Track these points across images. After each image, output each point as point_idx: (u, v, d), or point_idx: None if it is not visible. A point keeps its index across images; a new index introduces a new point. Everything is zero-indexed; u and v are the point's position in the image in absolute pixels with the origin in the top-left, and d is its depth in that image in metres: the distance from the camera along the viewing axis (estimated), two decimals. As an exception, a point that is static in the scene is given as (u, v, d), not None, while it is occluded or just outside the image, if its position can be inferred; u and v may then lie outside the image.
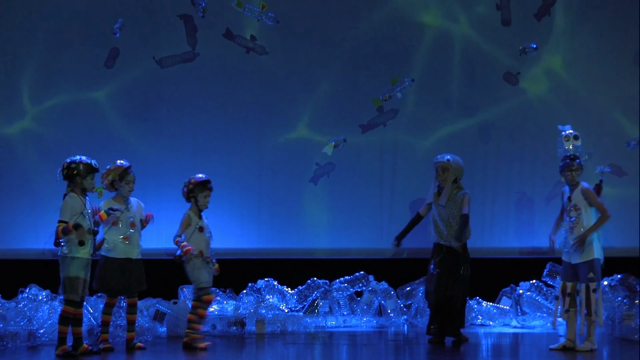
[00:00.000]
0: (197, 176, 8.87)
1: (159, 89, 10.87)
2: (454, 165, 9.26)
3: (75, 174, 8.19)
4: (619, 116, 11.08)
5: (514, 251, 10.95)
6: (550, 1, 10.98)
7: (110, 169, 8.65)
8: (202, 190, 8.80)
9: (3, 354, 8.64)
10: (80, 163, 8.21)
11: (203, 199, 8.80)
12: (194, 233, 8.76)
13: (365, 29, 10.97)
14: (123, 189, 8.66)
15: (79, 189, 8.24)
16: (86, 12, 10.77)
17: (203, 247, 8.77)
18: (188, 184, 8.85)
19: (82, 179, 8.21)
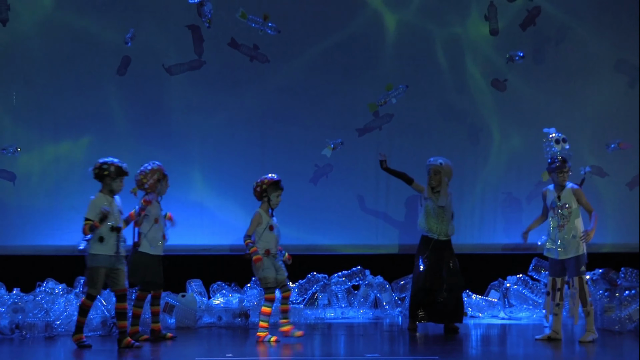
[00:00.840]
0: (269, 176, 8.68)
1: (168, 94, 10.87)
2: (445, 168, 9.41)
3: (106, 174, 8.21)
4: (601, 121, 11.09)
5: (502, 247, 10.96)
6: (535, 12, 10.99)
7: (153, 169, 8.65)
8: (275, 190, 8.60)
9: (22, 344, 8.66)
10: (112, 165, 8.22)
11: (275, 198, 8.59)
12: (265, 231, 8.56)
13: (361, 39, 10.97)
14: (162, 188, 8.68)
15: (107, 190, 8.24)
16: (99, 23, 10.77)
17: (272, 245, 8.58)
18: (261, 183, 8.64)
19: (112, 181, 8.23)
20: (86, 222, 8.16)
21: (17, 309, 9.08)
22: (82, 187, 10.69)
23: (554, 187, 8.87)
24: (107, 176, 8.24)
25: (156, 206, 8.80)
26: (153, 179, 8.66)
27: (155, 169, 8.71)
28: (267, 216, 8.61)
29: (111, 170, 8.24)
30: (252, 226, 8.57)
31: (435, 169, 9.41)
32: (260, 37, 10.63)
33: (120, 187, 8.33)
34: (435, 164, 9.42)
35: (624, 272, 10.23)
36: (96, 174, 8.28)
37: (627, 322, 9.29)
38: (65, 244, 10.64)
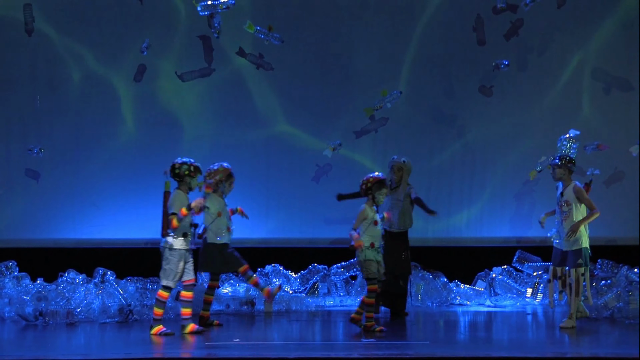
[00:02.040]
0: (375, 174, 8.46)
1: (180, 99, 10.88)
2: (407, 166, 9.40)
3: (187, 174, 8.12)
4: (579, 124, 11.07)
5: (488, 240, 10.95)
6: (518, 24, 10.97)
7: (218, 169, 8.55)
8: (379, 188, 8.37)
9: (45, 330, 8.66)
10: (192, 165, 8.15)
11: (379, 195, 8.38)
12: (370, 226, 8.37)
13: (358, 47, 10.97)
14: (226, 189, 8.61)
15: (185, 187, 8.16)
16: (117, 33, 10.78)
17: (376, 239, 8.41)
18: (366, 182, 8.41)
19: (192, 179, 8.15)
20: (173, 216, 8.03)
21: (40, 297, 9.07)
22: (101, 185, 10.75)
23: (561, 183, 8.83)
24: (187, 175, 8.13)
25: (219, 201, 8.63)
26: (215, 179, 8.54)
27: (219, 170, 8.57)
28: (372, 212, 8.40)
29: (191, 170, 8.13)
30: (357, 221, 8.38)
31: (398, 166, 9.38)
32: (265, 47, 10.62)
33: (195, 185, 8.24)
34: (399, 162, 9.40)
35: (600, 264, 10.21)
36: (176, 172, 8.14)
37: (603, 310, 9.28)
38: (86, 238, 10.68)
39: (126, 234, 10.68)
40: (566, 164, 8.72)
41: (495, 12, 10.81)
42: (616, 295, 9.26)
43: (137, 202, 10.72)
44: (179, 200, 8.10)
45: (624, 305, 9.14)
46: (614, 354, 7.09)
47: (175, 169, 8.17)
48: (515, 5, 10.72)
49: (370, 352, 7.22)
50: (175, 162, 8.21)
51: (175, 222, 8.03)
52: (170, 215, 8.06)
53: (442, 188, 10.97)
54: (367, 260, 8.36)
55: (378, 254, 8.42)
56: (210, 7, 9.99)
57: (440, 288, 10.41)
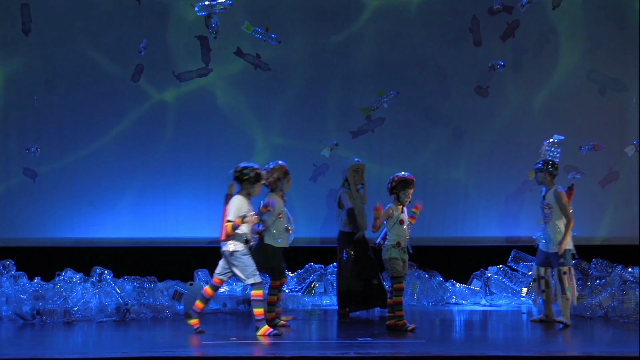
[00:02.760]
0: (400, 174, 8.38)
1: (177, 99, 10.88)
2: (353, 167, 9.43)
3: (246, 179, 7.97)
4: (575, 125, 11.10)
5: (484, 240, 10.98)
6: (514, 25, 11.00)
7: (274, 167, 8.45)
8: (404, 188, 8.32)
9: (42, 328, 8.67)
10: (253, 170, 7.99)
11: (404, 195, 8.32)
12: (395, 225, 8.32)
13: (355, 48, 10.99)
14: (284, 186, 8.51)
15: (245, 193, 8.01)
16: (115, 33, 10.79)
17: (402, 238, 8.35)
18: (392, 180, 8.38)
19: (250, 185, 7.98)
20: (228, 224, 7.89)
21: (38, 296, 9.08)
22: (98, 185, 10.75)
23: (545, 187, 8.92)
24: (246, 180, 7.97)
25: (279, 201, 8.53)
26: (273, 177, 8.43)
27: (276, 168, 8.47)
28: (397, 211, 8.34)
29: (251, 176, 7.97)
30: (381, 218, 8.34)
31: (363, 168, 9.36)
32: (263, 47, 10.65)
33: (257, 192, 8.06)
34: (363, 164, 9.36)
35: (594, 263, 10.25)
36: (237, 177, 8.00)
37: (598, 309, 9.31)
38: (83, 237, 10.68)
39: (123, 233, 10.69)
40: (548, 169, 8.80)
41: (491, 13, 10.82)
42: (610, 295, 9.30)
43: (135, 201, 10.73)
44: (236, 207, 7.92)
45: (618, 304, 9.17)
46: (608, 353, 7.13)
47: (236, 173, 8.02)
48: (511, 7, 10.75)
49: (366, 351, 7.24)
50: (237, 166, 8.05)
51: (229, 229, 7.87)
52: (227, 223, 7.91)
53: (438, 188, 10.99)
54: (392, 258, 8.30)
55: (404, 254, 8.35)
56: (208, 8, 10.00)
57: (436, 287, 10.43)
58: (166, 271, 10.13)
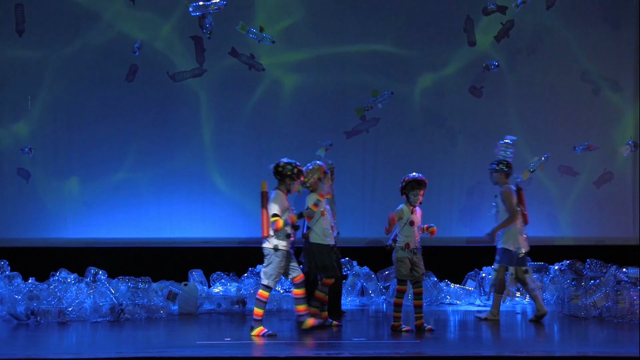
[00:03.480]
0: (411, 175, 8.32)
1: (172, 99, 10.88)
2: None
3: (288, 175, 7.99)
4: (568, 125, 11.13)
5: (478, 240, 10.96)
6: (509, 25, 11.02)
7: (314, 168, 8.40)
8: (414, 188, 8.26)
9: (37, 329, 8.65)
10: (295, 167, 8.01)
11: (413, 196, 8.27)
12: (405, 226, 8.28)
13: (350, 48, 10.99)
14: (324, 186, 8.47)
15: (285, 188, 8.02)
16: (109, 34, 10.77)
17: (411, 239, 8.31)
18: (403, 181, 8.34)
19: (292, 181, 8.01)
20: (275, 219, 7.89)
21: (32, 296, 9.06)
22: (92, 185, 10.73)
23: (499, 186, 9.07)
24: (288, 176, 8.00)
25: (323, 201, 8.44)
26: (314, 178, 8.38)
27: (316, 168, 8.42)
28: (408, 212, 8.29)
29: (294, 172, 8.00)
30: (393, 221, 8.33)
31: (332, 169, 9.24)
32: (257, 47, 10.64)
33: (296, 189, 8.10)
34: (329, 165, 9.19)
35: (589, 263, 10.26)
36: (279, 172, 8.02)
37: (592, 309, 9.32)
38: (78, 237, 10.66)
39: (118, 233, 10.68)
40: (503, 168, 8.91)
41: (486, 13, 10.85)
42: (605, 295, 9.31)
43: (129, 201, 10.71)
44: (279, 202, 7.96)
45: (613, 304, 9.18)
46: (602, 353, 7.13)
47: (278, 168, 8.04)
48: (505, 7, 10.77)
49: (360, 351, 7.24)
50: (279, 162, 8.06)
51: (280, 223, 7.89)
52: (273, 217, 7.91)
53: (432, 188, 10.92)
54: (399, 259, 8.29)
55: (415, 255, 8.30)
56: (202, 8, 10.00)
57: (430, 287, 10.44)
58: (160, 271, 10.11)
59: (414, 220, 8.32)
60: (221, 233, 10.69)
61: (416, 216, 8.35)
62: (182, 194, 10.73)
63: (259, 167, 10.88)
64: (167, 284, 9.82)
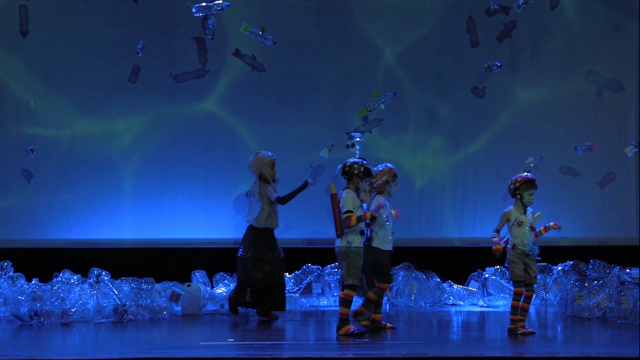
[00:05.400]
0: (523, 174, 8.26)
1: (174, 100, 10.88)
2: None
3: (356, 174, 8.08)
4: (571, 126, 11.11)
5: (481, 240, 10.96)
6: (511, 26, 11.00)
7: (383, 170, 8.42)
8: (527, 188, 8.19)
9: (40, 330, 8.66)
10: (362, 166, 8.10)
11: (528, 196, 8.19)
12: (513, 227, 8.19)
13: (352, 49, 10.99)
14: (392, 188, 8.47)
15: (354, 187, 8.09)
16: (112, 35, 10.78)
17: (520, 240, 8.20)
18: (515, 182, 8.24)
19: (360, 180, 8.09)
20: (348, 214, 7.93)
21: (35, 297, 9.06)
22: (97, 185, 10.74)
23: None
24: (356, 175, 8.08)
25: (387, 205, 8.44)
26: (382, 180, 8.40)
27: (385, 171, 8.44)
28: (517, 212, 8.21)
29: (361, 171, 8.09)
30: (501, 222, 8.28)
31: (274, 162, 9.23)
32: (259, 48, 10.64)
33: (363, 187, 8.16)
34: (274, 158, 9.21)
35: (592, 264, 10.25)
36: (346, 171, 8.12)
37: (595, 310, 9.31)
38: (81, 238, 10.66)
39: (121, 234, 10.68)
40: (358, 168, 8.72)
41: (489, 14, 10.84)
42: (608, 296, 9.29)
43: (132, 202, 10.71)
44: (351, 199, 8.03)
45: (616, 305, 9.17)
46: (606, 354, 7.12)
47: (345, 167, 8.13)
48: (507, 7, 10.76)
49: (363, 352, 7.23)
50: (346, 161, 8.16)
51: (353, 219, 7.95)
52: (346, 214, 7.96)
53: (435, 188, 10.99)
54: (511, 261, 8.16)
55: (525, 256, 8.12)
56: (205, 9, 9.99)
57: (433, 288, 10.43)
58: (163, 272, 10.11)
59: (523, 221, 8.22)
60: (224, 234, 10.68)
61: (526, 217, 8.22)
62: (185, 195, 10.72)
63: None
64: (170, 285, 9.81)
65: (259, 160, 9.26)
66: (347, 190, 8.12)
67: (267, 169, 9.24)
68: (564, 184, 11.04)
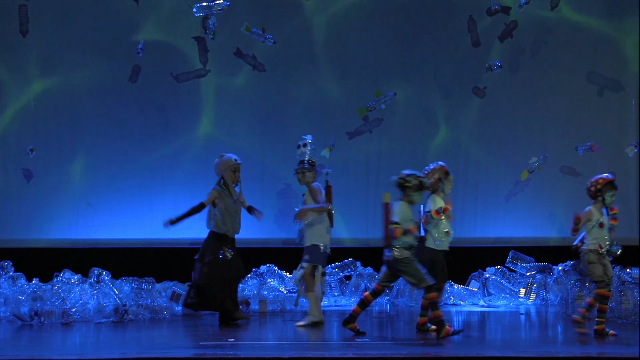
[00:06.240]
0: (604, 175, 8.17)
1: (175, 99, 10.88)
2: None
3: (408, 186, 7.98)
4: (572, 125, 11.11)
5: (481, 240, 10.97)
6: (512, 26, 11.00)
7: (435, 168, 8.38)
8: (609, 189, 8.12)
9: (40, 329, 8.66)
10: (417, 178, 8.01)
11: (609, 197, 8.16)
12: (594, 228, 8.13)
13: (353, 49, 10.99)
14: (446, 187, 8.42)
15: (408, 200, 8.01)
16: (113, 35, 10.78)
17: (601, 241, 8.10)
18: (595, 183, 8.15)
19: (413, 192, 8.00)
20: (394, 226, 7.86)
21: (36, 297, 9.06)
22: (97, 186, 10.74)
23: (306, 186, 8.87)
24: (408, 188, 7.99)
25: (441, 202, 8.39)
26: (434, 178, 8.36)
27: (437, 169, 8.40)
28: (598, 214, 8.16)
29: (414, 183, 7.98)
30: (580, 222, 8.19)
31: (239, 167, 9.12)
32: (260, 48, 10.64)
33: (418, 199, 8.09)
34: (240, 162, 9.10)
35: (593, 264, 10.21)
36: (400, 183, 8.02)
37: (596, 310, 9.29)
38: (81, 238, 10.66)
39: (121, 234, 10.67)
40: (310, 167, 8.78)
41: (490, 14, 10.84)
42: (608, 295, 9.28)
43: (133, 202, 10.72)
44: (401, 211, 7.94)
45: (617, 305, 9.16)
46: (606, 354, 7.12)
47: (400, 180, 8.04)
48: (508, 7, 10.76)
49: (364, 352, 7.23)
50: (401, 173, 8.06)
51: (398, 232, 7.86)
52: (393, 225, 7.88)
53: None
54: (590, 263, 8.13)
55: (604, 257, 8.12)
56: (206, 9, 10.00)
57: (434, 288, 10.41)
58: (164, 272, 10.11)
59: (604, 222, 8.16)
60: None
61: (605, 218, 8.16)
62: (185, 195, 10.70)
63: (262, 168, 10.88)
64: (170, 285, 9.82)
65: (222, 162, 9.11)
66: (399, 202, 8.01)
67: (228, 172, 9.08)
68: (565, 184, 11.03)
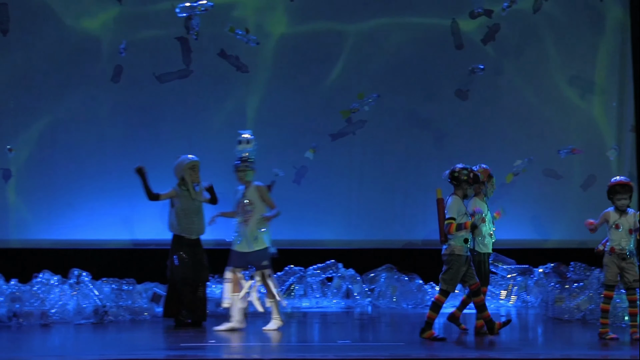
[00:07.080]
0: (612, 179, 8.15)
1: (158, 100, 10.85)
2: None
3: (465, 179, 7.93)
4: (554, 128, 11.17)
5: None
6: (495, 29, 11.05)
7: (478, 170, 8.30)
8: (614, 193, 8.07)
9: (19, 331, 8.60)
10: (471, 172, 7.97)
11: (617, 201, 7.99)
12: (611, 229, 8.08)
13: (336, 50, 11.01)
14: (489, 190, 8.38)
15: (461, 193, 7.96)
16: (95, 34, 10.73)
17: (615, 243, 8.01)
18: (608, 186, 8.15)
19: (468, 186, 7.97)
20: (449, 221, 7.81)
21: (14, 298, 9.01)
22: (77, 186, 10.69)
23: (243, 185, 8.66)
24: (465, 181, 7.93)
25: (483, 205, 8.34)
26: None
27: (479, 171, 8.31)
28: (615, 215, 8.09)
29: (470, 177, 7.94)
30: (600, 220, 8.16)
31: (199, 165, 8.99)
32: (244, 49, 10.63)
33: (471, 193, 8.09)
34: (198, 160, 8.96)
35: (573, 266, 10.30)
36: (455, 177, 7.95)
37: (576, 312, 9.36)
38: (61, 238, 10.60)
39: (102, 234, 10.63)
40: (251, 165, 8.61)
41: (473, 17, 10.88)
42: (588, 298, 9.34)
43: (113, 202, 10.67)
44: (456, 206, 7.90)
45: (596, 307, 9.21)
46: (586, 356, 7.15)
47: (454, 173, 7.99)
48: (491, 10, 10.81)
49: (345, 354, 7.23)
50: (455, 167, 8.01)
51: (453, 227, 7.82)
52: (448, 220, 7.84)
53: (418, 190, 11.00)
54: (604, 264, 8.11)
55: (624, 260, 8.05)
56: (189, 9, 9.97)
57: (415, 290, 10.44)
58: (145, 273, 10.06)
59: (620, 224, 8.11)
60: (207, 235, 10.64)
61: (625, 220, 8.08)
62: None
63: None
64: (151, 286, 9.78)
65: (179, 163, 9.03)
66: (454, 197, 7.97)
67: (187, 172, 8.98)
68: (547, 187, 11.09)
